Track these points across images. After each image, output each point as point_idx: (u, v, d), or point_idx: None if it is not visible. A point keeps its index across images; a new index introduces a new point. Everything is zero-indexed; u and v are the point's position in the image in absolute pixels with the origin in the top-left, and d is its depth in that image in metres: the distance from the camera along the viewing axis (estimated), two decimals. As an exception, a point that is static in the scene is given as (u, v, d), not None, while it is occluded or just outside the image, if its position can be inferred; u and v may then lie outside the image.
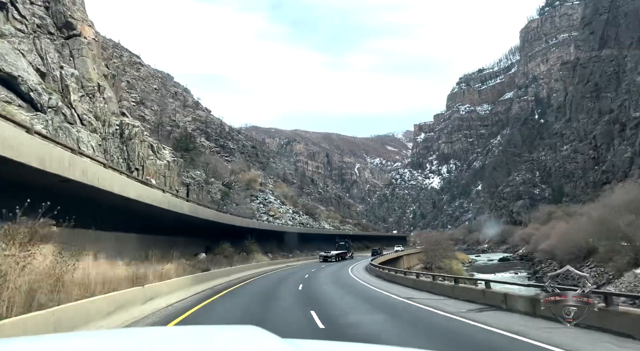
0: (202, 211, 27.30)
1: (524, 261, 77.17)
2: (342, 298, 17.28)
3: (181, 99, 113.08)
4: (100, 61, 33.49)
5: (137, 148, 29.23)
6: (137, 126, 30.43)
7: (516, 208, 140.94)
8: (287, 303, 15.57)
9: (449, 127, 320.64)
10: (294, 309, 13.91)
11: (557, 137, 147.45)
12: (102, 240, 15.46)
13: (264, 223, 41.40)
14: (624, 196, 40.85)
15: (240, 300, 16.60)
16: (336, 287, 22.43)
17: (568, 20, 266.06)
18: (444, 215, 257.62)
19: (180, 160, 34.75)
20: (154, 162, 29.80)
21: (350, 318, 12.13)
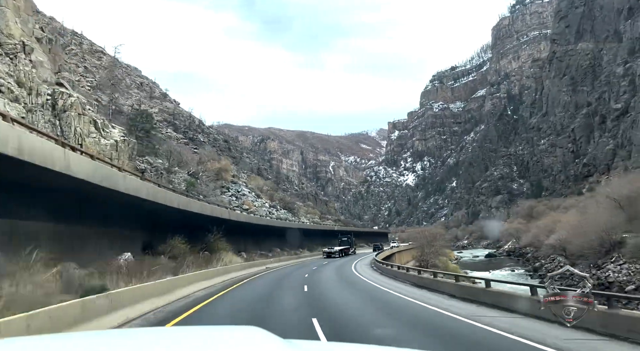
0: (132, 184, 16.62)
1: (513, 257, 73.09)
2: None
3: (147, 90, 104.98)
4: (30, 19, 26.62)
5: (74, 122, 22.78)
6: (75, 97, 23.90)
7: (495, 203, 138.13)
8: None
9: (423, 124, 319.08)
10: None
11: (534, 131, 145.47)
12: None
13: (237, 214, 33.55)
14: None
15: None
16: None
17: (538, 18, 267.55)
18: (419, 212, 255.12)
19: (133, 141, 28.26)
20: (97, 141, 23.43)
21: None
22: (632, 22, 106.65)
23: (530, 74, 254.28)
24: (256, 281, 23.81)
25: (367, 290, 19.80)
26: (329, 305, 14.17)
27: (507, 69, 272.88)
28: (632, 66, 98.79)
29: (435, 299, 15.16)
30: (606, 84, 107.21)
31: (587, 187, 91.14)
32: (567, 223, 39.04)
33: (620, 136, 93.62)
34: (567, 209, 78.64)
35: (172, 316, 12.16)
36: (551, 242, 36.94)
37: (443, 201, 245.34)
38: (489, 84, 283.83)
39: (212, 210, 26.88)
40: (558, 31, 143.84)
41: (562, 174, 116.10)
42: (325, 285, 21.06)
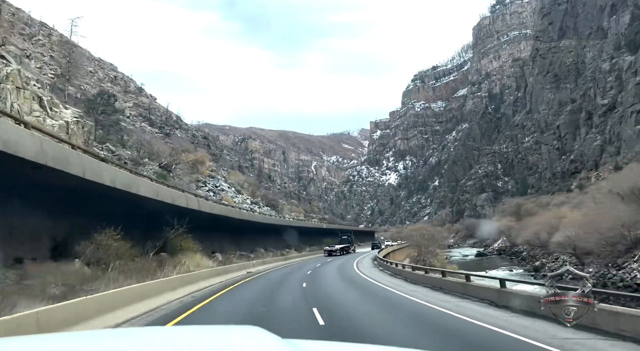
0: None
1: (505, 256, 70.28)
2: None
3: (122, 84, 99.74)
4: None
5: (11, 97, 18.44)
6: (13, 68, 19.52)
7: (480, 201, 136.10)
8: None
9: (405, 123, 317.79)
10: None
11: (518, 128, 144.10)
12: None
13: (210, 204, 27.22)
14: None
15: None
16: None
17: (518, 18, 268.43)
18: (402, 211, 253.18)
19: (90, 124, 23.87)
20: (42, 121, 19.12)
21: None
22: (617, 18, 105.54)
23: (510, 74, 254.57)
24: (227, 301, 15.70)
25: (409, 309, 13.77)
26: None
27: (488, 68, 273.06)
28: (618, 61, 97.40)
29: (496, 314, 11.36)
30: (592, 80, 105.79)
31: (576, 183, 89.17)
32: (573, 219, 35.95)
33: (607, 132, 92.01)
34: (558, 206, 76.49)
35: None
36: (558, 239, 33.77)
37: (426, 200, 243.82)
38: (470, 84, 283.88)
39: (173, 196, 20.33)
40: (541, 28, 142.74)
41: (548, 171, 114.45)
42: (341, 309, 13.52)
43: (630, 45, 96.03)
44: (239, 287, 20.18)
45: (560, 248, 34.79)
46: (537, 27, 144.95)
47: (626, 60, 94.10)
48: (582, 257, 33.17)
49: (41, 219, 12.97)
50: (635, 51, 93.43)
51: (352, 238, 63.83)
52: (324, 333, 9.26)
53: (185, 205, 21.50)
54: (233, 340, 1.99)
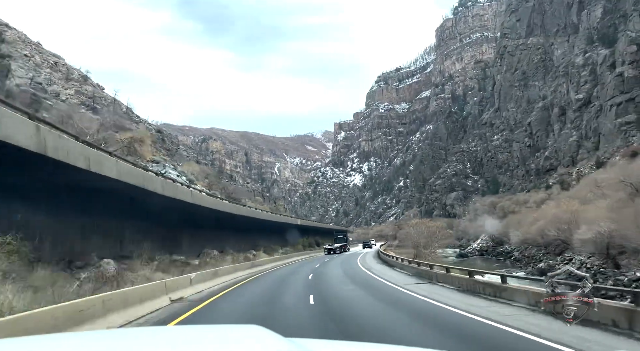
0: None
1: (490, 257, 64.27)
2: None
3: (63, 71, 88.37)
4: None
5: None
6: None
7: (449, 200, 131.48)
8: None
9: (369, 124, 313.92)
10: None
11: (487, 127, 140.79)
12: None
13: (113, 162, 15.76)
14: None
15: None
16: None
17: (480, 20, 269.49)
18: (367, 212, 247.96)
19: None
20: None
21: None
22: (588, 12, 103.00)
23: (473, 75, 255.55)
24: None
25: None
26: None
27: (451, 70, 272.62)
28: (591, 56, 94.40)
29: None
30: (564, 75, 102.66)
31: (552, 180, 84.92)
32: (596, 213, 29.61)
33: (584, 127, 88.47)
34: (539, 203, 71.61)
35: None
36: (586, 236, 27.33)
37: (391, 201, 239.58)
38: (434, 85, 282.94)
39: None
40: (509, 25, 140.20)
41: (520, 169, 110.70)
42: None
43: (604, 39, 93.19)
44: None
45: (586, 247, 28.26)
46: (505, 24, 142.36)
47: (600, 54, 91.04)
48: (615, 257, 26.83)
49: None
50: (610, 45, 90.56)
51: (347, 238, 66.56)
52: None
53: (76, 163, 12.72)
54: (235, 339, 1.96)
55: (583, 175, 77.26)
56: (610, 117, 77.96)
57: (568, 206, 35.58)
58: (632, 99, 75.14)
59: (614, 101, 77.41)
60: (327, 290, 17.94)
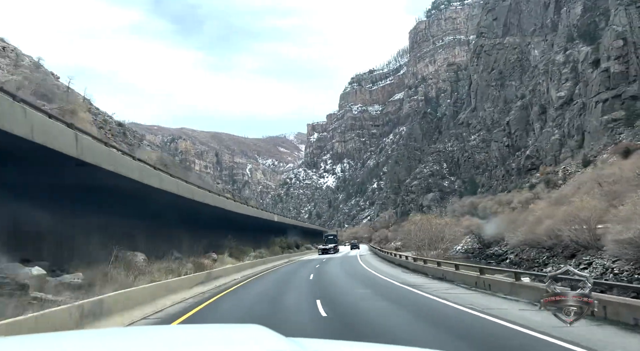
0: None
1: (478, 259, 59.43)
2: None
3: (12, 57, 79.66)
4: None
5: None
6: None
7: (426, 201, 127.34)
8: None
9: (342, 126, 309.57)
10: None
11: (463, 127, 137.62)
12: None
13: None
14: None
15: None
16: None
17: (453, 23, 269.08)
18: (341, 214, 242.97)
19: None
20: None
21: None
22: (567, 10, 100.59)
23: (446, 78, 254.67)
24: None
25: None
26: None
27: (424, 72, 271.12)
28: (572, 53, 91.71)
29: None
30: (543, 73, 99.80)
31: (538, 179, 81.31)
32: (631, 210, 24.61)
33: (566, 125, 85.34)
34: (525, 203, 67.59)
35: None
36: (622, 237, 22.30)
37: (365, 203, 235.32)
38: (407, 87, 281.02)
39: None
40: (485, 24, 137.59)
41: (500, 169, 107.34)
42: None
43: (585, 36, 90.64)
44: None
45: (621, 249, 23.17)
46: (482, 22, 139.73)
47: (582, 51, 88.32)
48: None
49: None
50: (591, 42, 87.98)
51: (337, 238, 69.52)
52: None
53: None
54: (236, 338, 1.95)
55: (569, 173, 73.88)
56: (595, 115, 74.77)
57: (583, 204, 30.61)
58: (618, 96, 72.10)
59: (600, 98, 74.25)
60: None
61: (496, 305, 12.16)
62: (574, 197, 42.67)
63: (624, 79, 72.13)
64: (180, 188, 23.00)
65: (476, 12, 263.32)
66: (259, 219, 43.97)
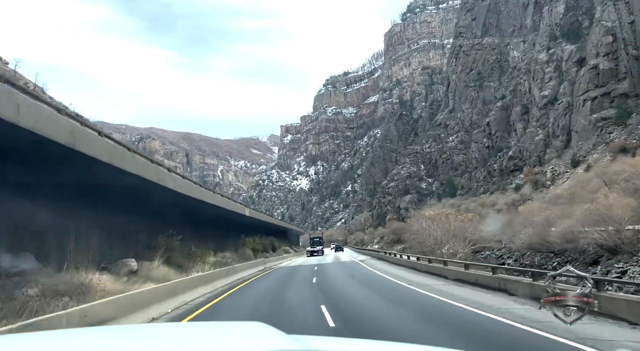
0: None
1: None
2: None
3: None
4: None
5: None
6: None
7: (404, 203, 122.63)
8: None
9: (317, 128, 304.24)
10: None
11: (441, 128, 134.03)
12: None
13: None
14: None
15: None
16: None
17: (428, 27, 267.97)
18: (314, 217, 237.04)
19: None
20: None
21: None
22: (549, 9, 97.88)
23: (420, 81, 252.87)
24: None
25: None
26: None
27: (399, 75, 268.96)
28: (555, 52, 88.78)
29: None
30: (525, 73, 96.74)
31: (522, 180, 77.42)
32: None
33: (550, 125, 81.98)
34: (512, 205, 63.35)
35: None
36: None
37: (338, 205, 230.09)
38: (382, 90, 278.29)
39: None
40: (464, 24, 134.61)
41: (480, 170, 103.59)
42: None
43: (569, 35, 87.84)
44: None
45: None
46: (461, 22, 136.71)
47: (566, 50, 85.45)
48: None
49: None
50: (575, 40, 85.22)
51: (323, 241, 71.28)
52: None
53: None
54: (238, 335, 1.97)
55: (558, 174, 70.18)
56: (583, 113, 71.38)
57: (610, 201, 25.61)
58: (607, 93, 68.91)
59: (588, 96, 70.92)
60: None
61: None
62: (573, 196, 38.14)
63: (613, 76, 69.00)
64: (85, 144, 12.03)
65: (451, 17, 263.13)
66: (223, 211, 31.66)
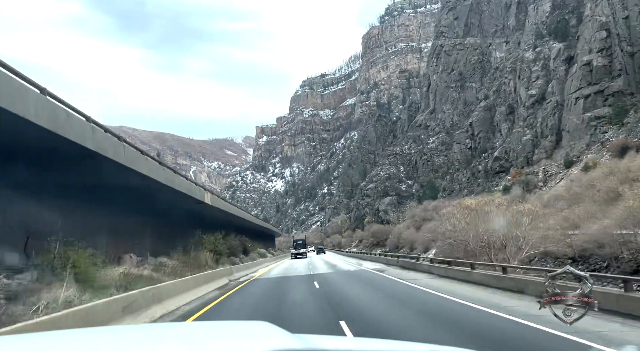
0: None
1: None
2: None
3: None
4: None
5: None
6: None
7: (383, 206, 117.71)
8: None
9: (293, 129, 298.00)
10: None
11: (421, 129, 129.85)
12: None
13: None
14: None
15: None
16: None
17: (405, 30, 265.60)
18: (289, 219, 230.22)
19: None
20: None
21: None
22: (535, 7, 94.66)
23: (398, 84, 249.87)
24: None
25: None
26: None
27: (376, 78, 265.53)
28: (542, 50, 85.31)
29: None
30: (510, 71, 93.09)
31: (509, 181, 73.09)
32: None
33: (539, 125, 78.13)
34: (500, 206, 58.87)
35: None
36: None
37: (314, 208, 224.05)
38: (359, 92, 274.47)
39: None
40: (446, 23, 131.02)
41: (462, 172, 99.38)
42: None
43: (557, 33, 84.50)
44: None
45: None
46: (442, 21, 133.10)
47: (553, 48, 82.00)
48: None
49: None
50: (563, 38, 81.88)
51: (306, 243, 70.88)
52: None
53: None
54: (243, 334, 1.97)
55: (550, 175, 66.05)
56: (576, 112, 67.52)
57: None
58: (601, 91, 65.18)
59: (581, 93, 67.11)
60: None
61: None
62: (578, 196, 33.35)
63: (607, 74, 65.34)
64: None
65: (429, 20, 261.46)
66: (162, 188, 19.65)
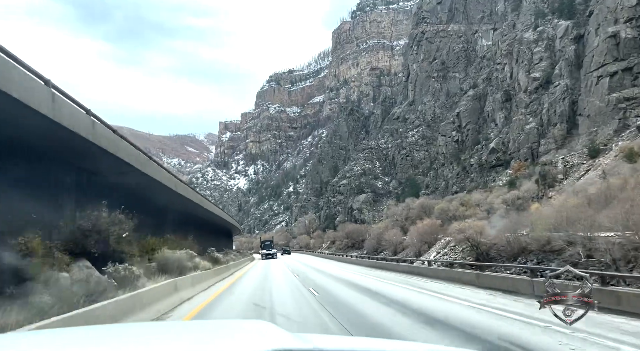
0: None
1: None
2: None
3: None
4: None
5: None
6: None
7: (357, 204, 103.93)
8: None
9: (258, 126, 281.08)
10: None
11: (399, 122, 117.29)
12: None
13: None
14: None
15: None
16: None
17: (377, 27, 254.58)
18: (252, 219, 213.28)
19: None
20: None
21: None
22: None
23: (368, 82, 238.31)
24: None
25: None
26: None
27: (347, 74, 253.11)
28: (545, 29, 74.01)
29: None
30: (506, 55, 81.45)
31: (509, 175, 60.59)
32: None
33: (545, 112, 66.30)
34: (512, 202, 46.17)
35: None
36: None
37: (279, 207, 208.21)
38: (328, 89, 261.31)
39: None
40: (428, 8, 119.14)
41: (448, 167, 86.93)
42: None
43: (562, 10, 73.39)
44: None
45: None
46: (424, 6, 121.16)
47: (560, 26, 70.72)
48: None
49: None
50: (570, 16, 70.78)
51: (273, 244, 69.98)
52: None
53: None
54: (242, 333, 1.95)
55: (570, 166, 53.85)
56: (599, 93, 55.75)
57: None
58: (629, 68, 53.64)
59: (605, 71, 55.39)
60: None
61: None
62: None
63: (636, 48, 53.93)
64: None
65: (401, 18, 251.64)
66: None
